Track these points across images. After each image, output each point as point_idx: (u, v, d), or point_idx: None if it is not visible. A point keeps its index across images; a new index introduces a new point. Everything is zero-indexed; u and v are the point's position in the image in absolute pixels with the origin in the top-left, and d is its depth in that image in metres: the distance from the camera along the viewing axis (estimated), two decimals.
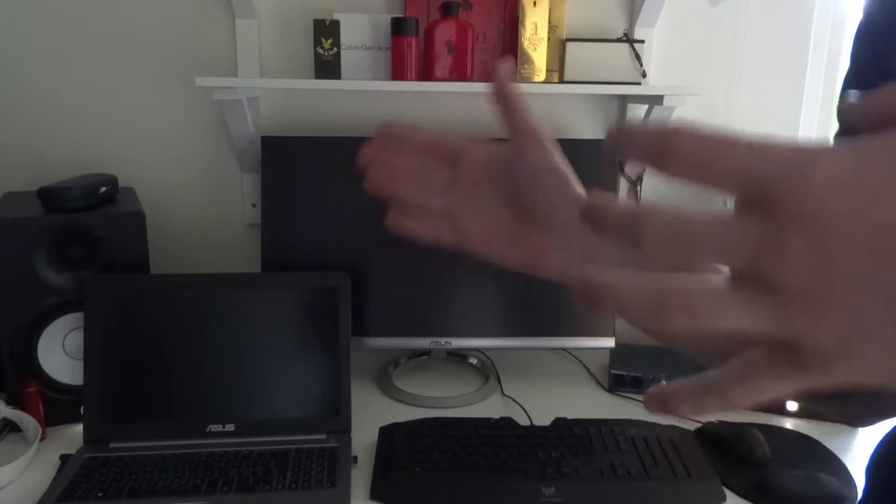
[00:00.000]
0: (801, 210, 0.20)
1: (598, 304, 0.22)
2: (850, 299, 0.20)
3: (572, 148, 1.22)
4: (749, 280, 0.21)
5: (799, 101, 1.35)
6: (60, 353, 1.03)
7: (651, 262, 0.27)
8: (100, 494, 0.85)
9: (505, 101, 0.46)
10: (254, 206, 1.32)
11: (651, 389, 0.24)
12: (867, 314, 0.20)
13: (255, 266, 1.25)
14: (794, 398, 0.22)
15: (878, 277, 0.20)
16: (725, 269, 0.22)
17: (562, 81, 1.20)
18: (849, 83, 0.49)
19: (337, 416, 1.00)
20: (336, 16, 1.19)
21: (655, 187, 1.37)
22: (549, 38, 1.21)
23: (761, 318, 0.21)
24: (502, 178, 0.47)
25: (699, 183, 0.22)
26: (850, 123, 0.24)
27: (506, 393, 1.17)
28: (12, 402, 1.01)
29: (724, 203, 1.38)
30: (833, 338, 0.21)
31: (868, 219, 0.20)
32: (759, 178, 0.20)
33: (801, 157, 0.20)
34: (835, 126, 0.51)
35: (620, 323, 1.18)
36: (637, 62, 1.20)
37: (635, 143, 0.22)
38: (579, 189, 0.47)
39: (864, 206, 0.20)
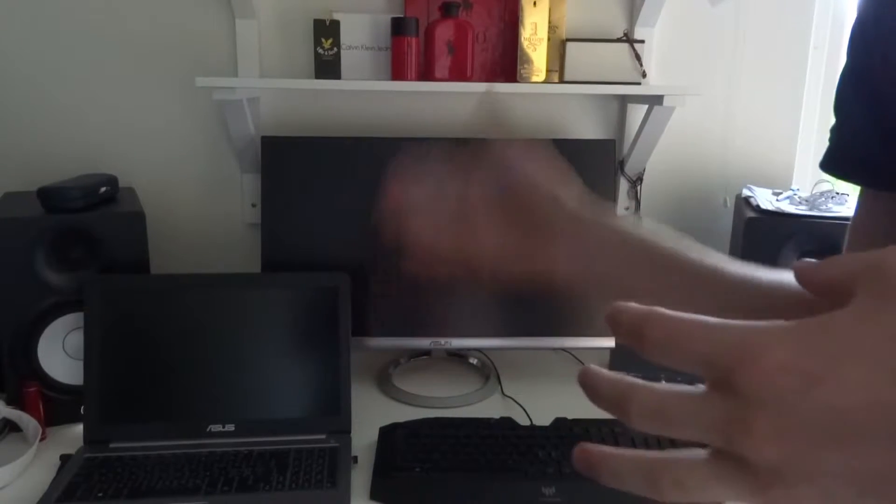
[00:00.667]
0: (758, 394, 0.22)
1: (596, 474, 0.25)
2: (820, 476, 0.22)
3: (572, 148, 1.23)
4: (728, 456, 0.23)
5: (799, 101, 1.35)
6: (60, 353, 1.03)
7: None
8: (100, 494, 0.85)
9: (487, 127, 0.53)
10: (254, 206, 1.32)
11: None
12: (839, 490, 0.22)
13: (255, 266, 1.25)
14: None
15: (841, 455, 0.22)
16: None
17: (562, 81, 1.20)
18: (845, 80, 0.49)
19: (337, 416, 1.00)
20: (336, 16, 1.19)
21: (655, 185, 1.37)
22: (549, 38, 1.21)
23: (745, 492, 0.23)
24: (495, 198, 0.51)
25: (671, 365, 0.25)
26: (801, 284, 0.28)
27: (506, 393, 1.17)
28: (12, 402, 1.01)
29: (724, 203, 1.38)
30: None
31: (817, 401, 0.22)
32: (718, 365, 0.23)
33: (753, 342, 0.23)
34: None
35: None
36: (637, 62, 1.20)
37: (619, 325, 0.26)
38: (568, 193, 0.50)
39: (812, 389, 0.22)
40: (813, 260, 0.28)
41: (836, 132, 0.51)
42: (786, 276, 0.50)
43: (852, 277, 0.25)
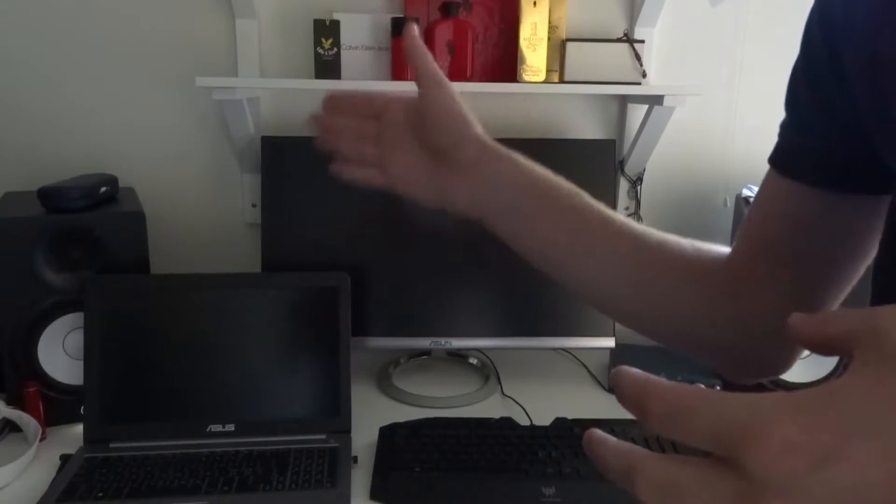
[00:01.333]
0: (767, 475, 0.22)
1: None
2: None
3: (572, 148, 1.24)
4: None
5: None
6: (60, 353, 1.03)
7: None
8: (100, 494, 0.85)
9: (411, 53, 0.54)
10: (254, 206, 1.32)
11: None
12: None
13: (255, 266, 1.25)
14: None
15: None
16: None
17: (562, 81, 1.20)
18: (796, 74, 0.49)
19: (337, 416, 1.00)
20: (336, 16, 1.19)
21: (655, 185, 1.37)
22: (549, 38, 1.21)
23: None
24: (417, 124, 0.56)
25: (676, 439, 0.24)
26: (797, 340, 0.27)
27: (506, 393, 1.17)
28: (12, 402, 1.01)
29: (724, 203, 1.38)
30: None
31: (829, 480, 0.21)
32: (724, 442, 0.23)
33: (758, 418, 0.22)
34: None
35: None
36: (637, 62, 1.20)
37: (623, 396, 0.26)
38: (478, 129, 0.55)
39: (822, 468, 0.21)
40: (805, 316, 0.27)
41: (784, 128, 0.51)
42: (669, 239, 0.55)
43: (850, 337, 0.25)
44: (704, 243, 0.56)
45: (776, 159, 0.52)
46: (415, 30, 0.53)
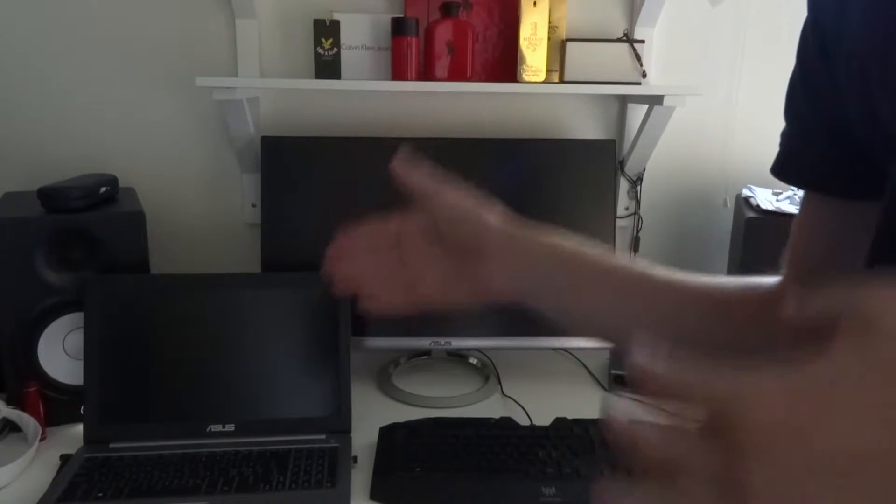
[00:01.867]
0: (751, 448, 0.24)
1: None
2: None
3: (572, 148, 1.24)
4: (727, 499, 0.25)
5: None
6: (60, 353, 1.03)
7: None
8: (100, 494, 0.85)
9: (398, 177, 0.54)
10: (254, 206, 1.32)
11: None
12: None
13: (255, 266, 1.25)
14: None
15: (832, 497, 0.23)
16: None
17: (562, 81, 1.20)
18: (794, 84, 0.49)
19: (337, 416, 1.00)
20: (336, 16, 1.19)
21: (655, 185, 1.37)
22: (549, 38, 1.21)
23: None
24: (434, 235, 0.55)
25: (677, 402, 0.27)
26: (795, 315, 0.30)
27: (506, 393, 1.17)
28: (12, 402, 1.01)
29: (724, 203, 1.38)
30: None
31: (808, 454, 0.23)
32: (714, 410, 0.25)
33: (744, 394, 0.25)
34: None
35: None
36: (637, 62, 1.20)
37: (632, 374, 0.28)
38: (494, 218, 0.54)
39: (804, 443, 0.23)
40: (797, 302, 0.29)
41: (785, 137, 0.51)
42: (703, 281, 0.54)
43: (836, 313, 0.26)
44: (748, 277, 0.56)
45: (778, 168, 0.52)
46: (400, 158, 0.53)
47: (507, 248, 0.54)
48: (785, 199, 1.18)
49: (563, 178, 1.18)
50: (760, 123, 1.35)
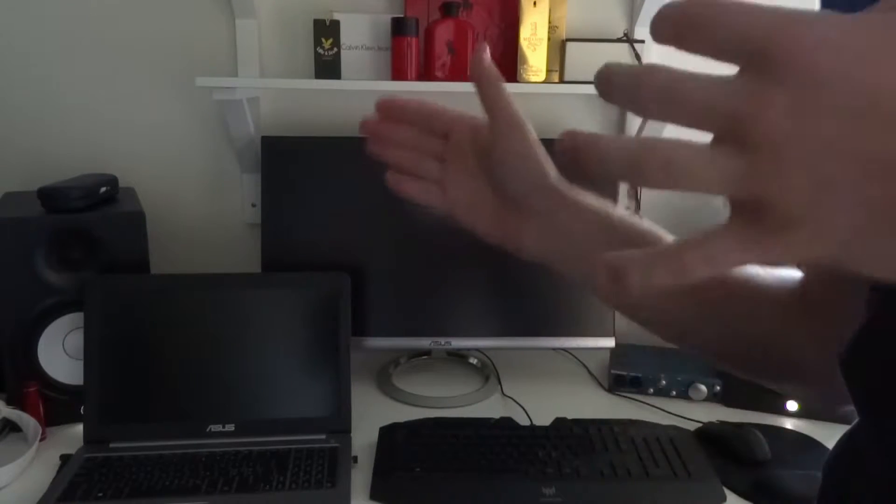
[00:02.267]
0: (790, 68, 0.21)
1: (580, 159, 0.24)
2: (822, 161, 0.21)
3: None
4: (728, 139, 0.22)
5: None
6: (60, 353, 1.03)
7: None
8: (100, 494, 0.85)
9: (483, 82, 0.48)
10: (254, 206, 1.32)
11: (604, 257, 0.24)
12: (836, 178, 0.21)
13: (255, 266, 1.25)
14: (758, 262, 0.24)
15: (853, 139, 0.21)
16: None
17: (562, 81, 1.20)
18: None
19: (337, 416, 1.00)
20: (336, 16, 1.19)
21: None
22: (549, 38, 1.21)
23: (732, 177, 0.22)
24: (485, 156, 0.50)
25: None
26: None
27: (506, 393, 1.17)
28: (12, 402, 1.01)
29: (724, 203, 1.37)
30: (799, 198, 0.21)
31: (852, 80, 0.20)
32: (755, 39, 0.22)
33: (795, 20, 0.21)
34: None
35: (620, 323, 1.18)
36: (637, 62, 1.20)
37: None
38: (553, 176, 0.49)
39: (850, 68, 0.20)
40: None
41: None
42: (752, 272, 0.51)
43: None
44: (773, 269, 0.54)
45: None
46: (487, 55, 0.47)
47: (550, 213, 0.50)
48: None
49: (563, 178, 1.18)
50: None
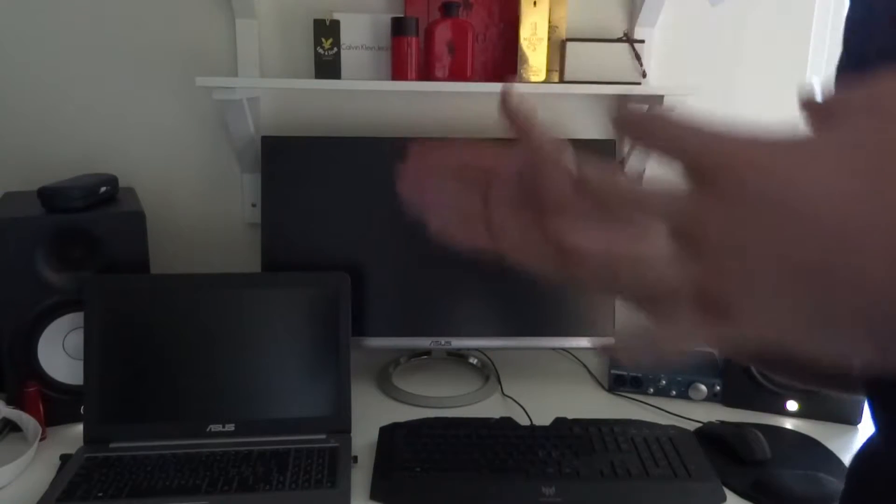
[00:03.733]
0: (725, 185, 0.24)
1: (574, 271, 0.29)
2: (752, 264, 0.24)
3: (572, 148, 1.23)
4: (681, 241, 0.26)
5: None
6: (60, 353, 1.03)
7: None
8: (100, 494, 0.85)
9: (512, 117, 0.48)
10: (254, 206, 1.32)
11: (601, 343, 0.28)
12: (764, 277, 0.24)
13: (255, 266, 1.25)
14: (728, 352, 0.28)
15: (776, 246, 0.23)
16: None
17: (562, 81, 1.20)
18: (841, 73, 0.49)
19: (337, 416, 1.00)
20: (336, 16, 1.19)
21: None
22: (549, 38, 1.21)
23: (684, 273, 0.26)
24: (519, 180, 0.49)
25: (663, 154, 0.28)
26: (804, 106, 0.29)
27: (506, 393, 1.17)
28: (12, 402, 1.01)
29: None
30: (734, 293, 0.25)
31: (774, 199, 0.23)
32: (698, 157, 0.26)
33: (734, 141, 0.25)
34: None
35: (620, 323, 1.18)
36: (637, 62, 1.20)
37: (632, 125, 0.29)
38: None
39: (775, 188, 0.23)
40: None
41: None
42: None
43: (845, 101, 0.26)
44: None
45: None
46: (515, 90, 0.48)
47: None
48: None
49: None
50: (760, 123, 1.35)
